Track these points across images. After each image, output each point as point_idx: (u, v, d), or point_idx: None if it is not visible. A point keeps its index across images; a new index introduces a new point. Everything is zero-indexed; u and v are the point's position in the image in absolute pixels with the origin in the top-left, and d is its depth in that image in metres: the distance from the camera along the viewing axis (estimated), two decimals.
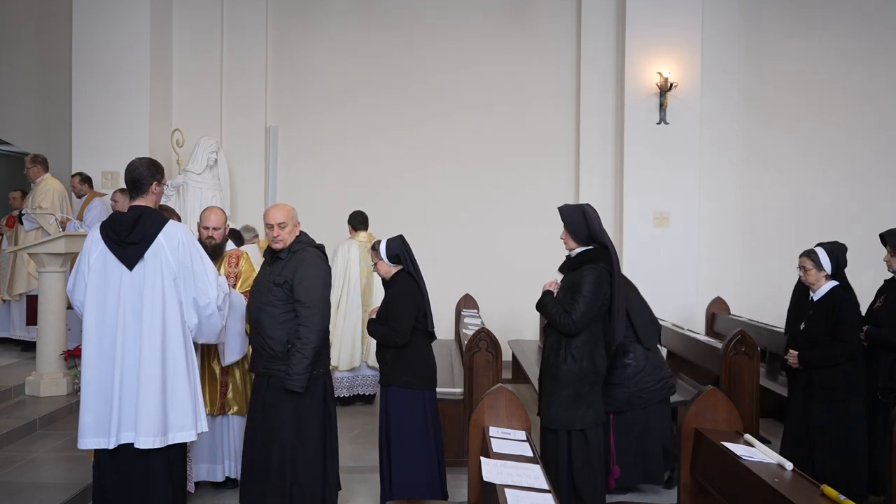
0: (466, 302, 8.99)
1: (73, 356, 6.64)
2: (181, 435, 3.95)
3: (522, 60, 10.01)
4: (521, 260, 9.49)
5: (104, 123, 8.96)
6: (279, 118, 10.10)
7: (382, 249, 4.75)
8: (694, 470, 4.07)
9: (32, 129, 10.26)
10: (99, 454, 3.94)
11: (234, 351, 4.91)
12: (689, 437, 4.09)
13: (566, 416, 4.41)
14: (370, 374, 7.52)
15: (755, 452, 3.69)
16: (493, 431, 3.92)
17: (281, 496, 4.34)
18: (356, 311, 7.39)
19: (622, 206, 9.44)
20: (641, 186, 9.32)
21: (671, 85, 9.17)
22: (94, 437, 3.86)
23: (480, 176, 9.97)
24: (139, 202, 4.00)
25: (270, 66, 10.05)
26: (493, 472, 3.36)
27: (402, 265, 4.74)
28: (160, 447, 3.87)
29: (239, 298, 4.87)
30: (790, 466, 3.49)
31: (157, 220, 3.96)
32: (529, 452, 3.74)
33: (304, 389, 4.33)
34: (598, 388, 4.52)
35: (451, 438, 5.89)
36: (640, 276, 9.09)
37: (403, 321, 4.61)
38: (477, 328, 6.28)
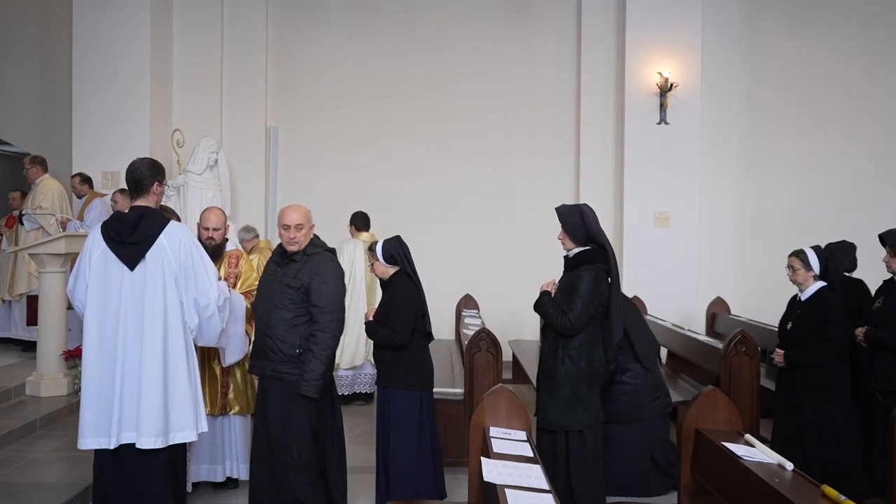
0: (467, 302, 8.99)
1: (73, 356, 6.64)
2: (182, 435, 3.95)
3: (523, 61, 10.01)
4: (521, 260, 9.49)
5: (104, 124, 8.97)
6: (279, 119, 10.10)
7: (379, 250, 4.75)
8: (694, 470, 4.07)
9: (33, 129, 10.27)
10: (99, 454, 3.94)
11: (234, 352, 4.92)
12: (689, 437, 4.09)
13: (564, 416, 4.40)
14: (372, 372, 7.52)
15: (755, 452, 3.69)
16: (493, 432, 3.93)
17: (296, 497, 4.30)
18: (361, 309, 7.38)
19: (622, 206, 9.44)
20: (642, 186, 9.31)
21: (671, 85, 9.17)
22: (94, 437, 3.86)
23: (481, 176, 9.97)
24: (140, 202, 4.00)
25: (271, 66, 10.05)
26: (493, 472, 3.36)
27: (398, 266, 4.74)
28: (161, 447, 3.87)
29: (239, 300, 4.88)
30: (790, 466, 3.49)
31: (158, 220, 3.96)
32: (530, 453, 3.74)
33: (319, 395, 4.31)
34: (596, 388, 4.50)
35: (451, 438, 5.90)
36: (640, 276, 9.22)
37: (404, 322, 4.61)
38: (477, 328, 6.29)
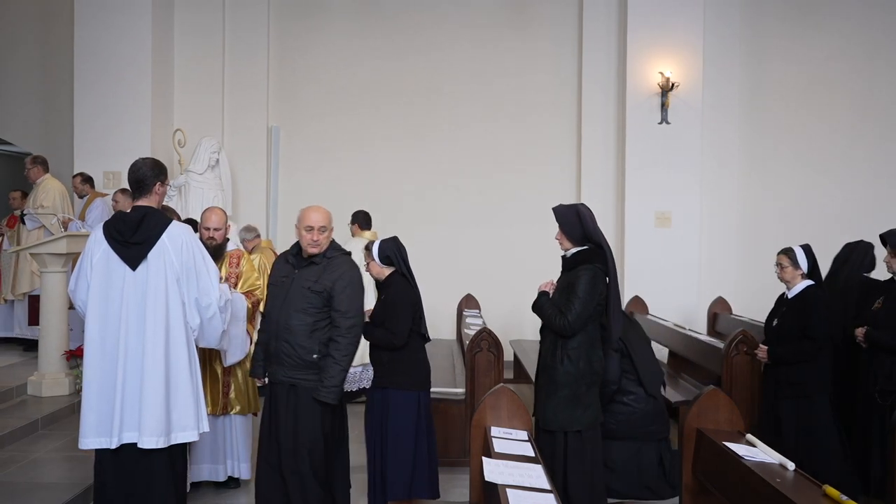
0: (468, 302, 9.00)
1: (74, 356, 6.64)
2: (183, 435, 3.95)
3: (524, 61, 10.01)
4: (522, 260, 9.48)
5: (106, 123, 8.97)
6: (281, 119, 10.11)
7: (375, 250, 4.73)
8: (696, 470, 4.07)
9: (34, 129, 10.28)
10: (100, 454, 3.94)
11: (235, 352, 4.93)
12: (690, 437, 4.09)
13: (563, 417, 4.38)
14: None
15: (757, 452, 3.69)
16: (494, 431, 3.93)
17: (307, 501, 4.25)
18: (368, 307, 7.38)
19: (624, 205, 9.44)
20: (643, 186, 9.31)
21: (673, 85, 9.17)
22: (95, 436, 3.86)
23: (482, 176, 9.96)
24: (142, 202, 4.00)
25: (272, 67, 10.06)
26: (494, 472, 3.36)
27: (394, 267, 4.73)
28: (163, 447, 3.88)
29: (240, 300, 4.88)
30: (792, 466, 3.49)
31: (160, 220, 3.96)
32: (531, 452, 3.74)
33: (338, 402, 4.26)
34: (595, 388, 4.48)
35: (452, 438, 5.91)
36: (641, 276, 9.22)
37: (402, 323, 4.60)
38: (478, 328, 6.29)
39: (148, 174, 4.01)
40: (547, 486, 3.30)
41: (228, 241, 5.25)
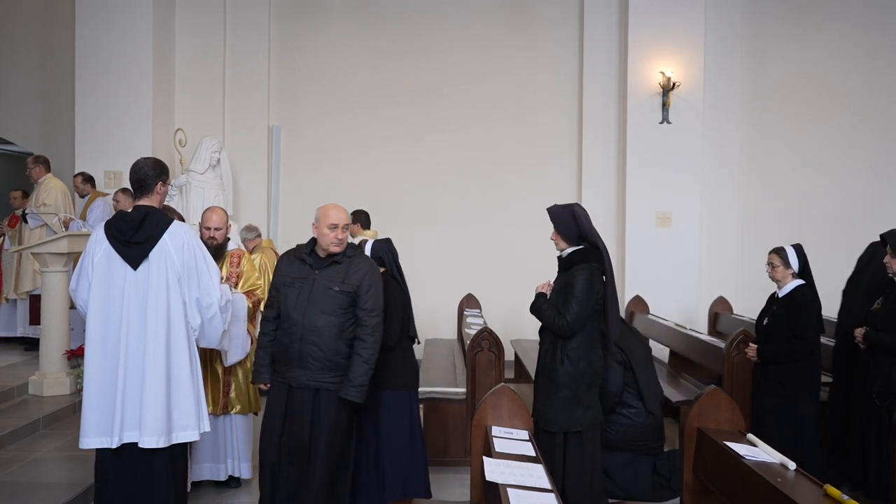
0: (469, 302, 8.99)
1: (75, 356, 6.64)
2: (184, 434, 3.95)
3: (525, 61, 10.00)
4: (523, 259, 9.46)
5: (107, 123, 8.98)
6: (282, 118, 10.11)
7: (368, 250, 4.72)
8: (696, 470, 4.07)
9: (35, 128, 10.28)
10: (101, 454, 3.94)
11: (236, 352, 4.93)
12: (691, 436, 4.09)
13: (564, 417, 4.37)
14: None
15: (758, 452, 3.69)
16: (495, 431, 3.93)
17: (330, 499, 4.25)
18: None
19: (624, 205, 9.44)
20: (644, 185, 9.30)
21: (674, 84, 9.16)
22: (96, 436, 3.86)
23: (483, 175, 9.96)
24: (144, 202, 4.00)
25: (273, 66, 10.06)
26: (495, 471, 3.36)
27: (385, 268, 4.71)
28: (164, 447, 3.88)
29: (241, 299, 4.88)
30: (793, 466, 3.49)
31: (162, 220, 3.96)
32: (532, 452, 3.74)
33: (363, 400, 4.20)
34: (595, 388, 4.47)
35: (453, 438, 5.93)
36: (642, 276, 9.22)
37: (394, 324, 4.59)
38: (479, 328, 6.29)
39: (149, 174, 4.00)
40: (548, 485, 3.30)
41: (229, 240, 5.26)
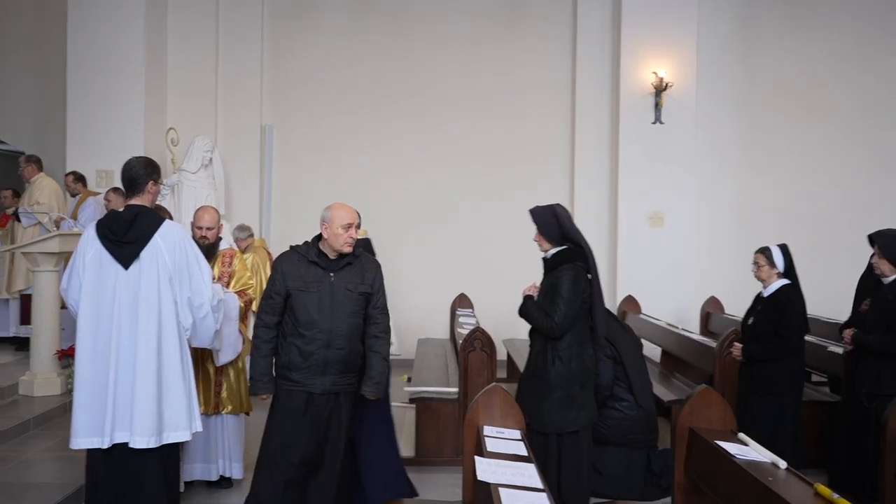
0: (461, 301, 8.99)
1: (66, 356, 6.62)
2: (176, 435, 3.94)
3: (518, 62, 10.01)
4: (516, 260, 9.40)
5: (99, 122, 8.94)
6: (275, 117, 10.09)
7: None
8: (688, 469, 4.08)
9: (27, 127, 10.25)
10: (92, 454, 3.92)
11: (227, 352, 4.91)
12: (683, 436, 4.09)
13: (559, 418, 4.37)
14: None
15: (749, 451, 3.69)
16: (487, 430, 3.92)
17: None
18: None
19: (617, 205, 9.45)
20: (637, 186, 9.32)
21: (666, 85, 9.18)
22: (87, 436, 3.84)
23: (476, 176, 9.96)
24: (135, 201, 3.99)
25: (266, 65, 10.04)
26: (487, 471, 3.36)
27: None
28: (155, 447, 3.86)
29: (232, 299, 4.87)
30: (784, 465, 3.50)
31: (153, 219, 3.95)
32: (524, 451, 3.74)
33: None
34: (589, 387, 4.47)
35: (445, 438, 5.93)
36: (635, 276, 9.23)
37: None
38: (472, 327, 6.29)
39: (141, 173, 3.99)
40: (540, 485, 3.30)
41: (221, 240, 5.25)
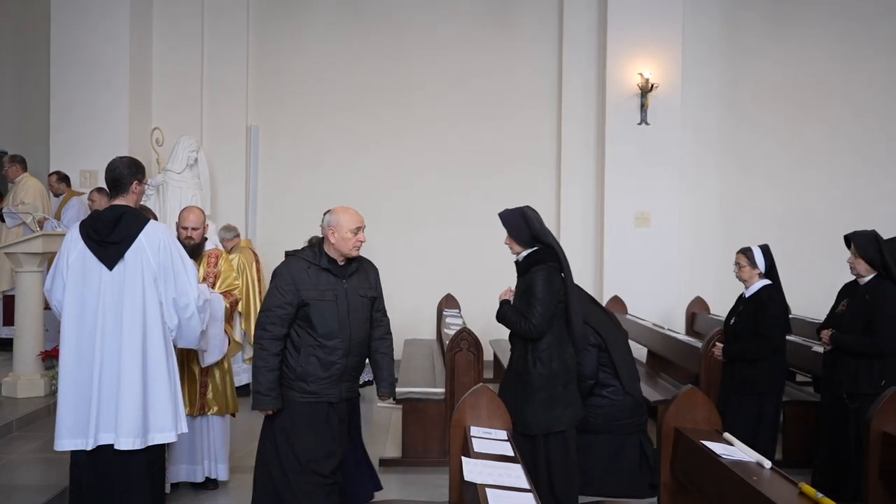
0: (448, 302, 8.99)
1: (50, 357, 6.57)
2: (161, 436, 3.92)
3: (505, 63, 10.01)
4: (502, 261, 9.38)
5: (83, 122, 8.87)
6: (261, 118, 10.05)
7: None
8: (674, 469, 4.09)
9: (10, 127, 10.17)
10: (76, 456, 3.90)
11: (213, 352, 4.89)
12: (669, 436, 4.11)
13: (544, 419, 4.37)
14: None
15: (734, 451, 3.71)
16: (474, 431, 3.92)
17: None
18: None
19: (603, 206, 9.48)
20: (623, 187, 9.35)
21: (652, 86, 9.22)
22: (71, 438, 3.82)
23: (462, 177, 9.95)
24: (119, 201, 3.97)
25: (252, 65, 9.99)
26: (474, 471, 3.36)
27: None
28: (140, 448, 3.84)
29: (218, 300, 4.85)
30: (769, 465, 3.52)
31: (138, 219, 3.93)
32: (511, 452, 3.74)
33: None
34: (572, 386, 4.48)
35: (432, 438, 5.93)
36: (621, 276, 9.25)
37: None
38: (458, 328, 6.30)
39: (125, 173, 3.97)
40: (526, 485, 3.31)
41: (207, 240, 5.22)
